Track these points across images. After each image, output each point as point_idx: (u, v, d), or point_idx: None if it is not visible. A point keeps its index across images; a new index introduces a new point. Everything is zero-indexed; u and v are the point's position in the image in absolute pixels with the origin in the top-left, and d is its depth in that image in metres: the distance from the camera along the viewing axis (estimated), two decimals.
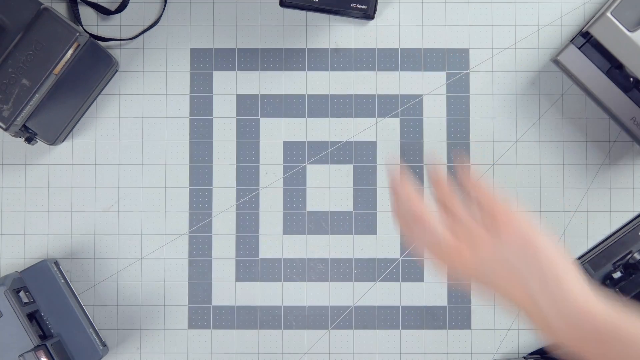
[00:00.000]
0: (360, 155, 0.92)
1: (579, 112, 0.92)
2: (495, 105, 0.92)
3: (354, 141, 0.92)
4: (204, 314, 0.92)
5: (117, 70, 0.92)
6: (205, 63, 0.93)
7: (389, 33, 0.93)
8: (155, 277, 0.92)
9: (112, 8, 0.92)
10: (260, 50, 0.93)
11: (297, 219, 0.92)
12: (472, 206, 0.70)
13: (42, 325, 0.86)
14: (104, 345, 0.89)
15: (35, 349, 0.82)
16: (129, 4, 0.92)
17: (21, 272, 0.87)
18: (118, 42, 0.93)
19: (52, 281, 0.87)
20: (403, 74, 0.92)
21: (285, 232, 0.92)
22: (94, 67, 0.89)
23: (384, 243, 0.92)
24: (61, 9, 0.92)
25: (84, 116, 0.92)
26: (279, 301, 0.92)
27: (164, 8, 0.92)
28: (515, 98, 0.92)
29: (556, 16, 0.92)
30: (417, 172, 0.92)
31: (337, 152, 0.92)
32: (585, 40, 0.87)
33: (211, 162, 0.92)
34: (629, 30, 0.84)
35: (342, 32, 0.93)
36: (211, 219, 0.92)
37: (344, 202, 0.92)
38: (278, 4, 0.93)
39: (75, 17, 0.92)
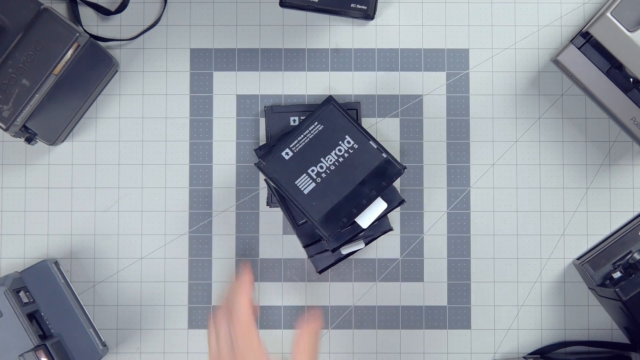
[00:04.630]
0: None
1: (579, 112, 0.92)
2: (495, 105, 0.92)
3: None
4: (204, 314, 0.92)
5: (117, 71, 0.92)
6: (205, 63, 0.93)
7: (389, 33, 0.93)
8: (155, 277, 0.92)
9: (112, 8, 0.92)
10: (260, 51, 0.93)
11: None
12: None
13: (42, 325, 0.86)
14: (104, 345, 0.89)
15: (35, 349, 0.82)
16: (129, 4, 0.92)
17: (21, 272, 0.87)
18: (118, 42, 0.93)
19: (52, 281, 0.87)
20: (403, 74, 0.92)
21: (285, 232, 0.92)
22: (94, 67, 0.89)
23: (384, 243, 0.92)
24: (61, 9, 0.92)
25: (84, 116, 0.92)
26: (279, 301, 0.92)
27: (164, 8, 0.92)
28: (515, 98, 0.92)
29: (556, 16, 0.92)
30: (417, 172, 0.92)
31: None
32: (585, 40, 0.87)
33: (211, 162, 0.92)
34: (629, 30, 0.84)
35: (342, 32, 0.93)
36: (211, 219, 0.92)
37: None
38: (278, 4, 0.93)
39: (75, 18, 0.92)
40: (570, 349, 0.91)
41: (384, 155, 0.83)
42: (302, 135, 0.83)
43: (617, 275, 0.86)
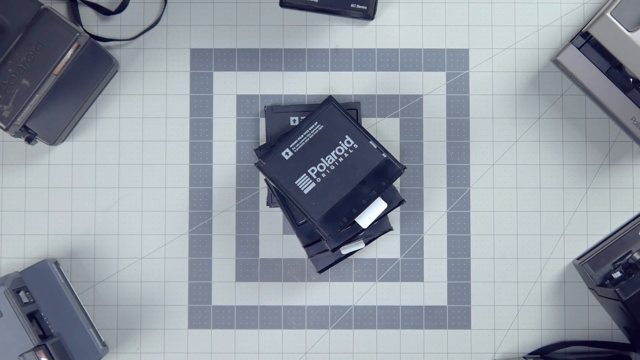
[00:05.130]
0: None
1: (579, 112, 0.92)
2: (495, 105, 0.92)
3: None
4: (204, 314, 0.92)
5: (117, 71, 0.92)
6: (205, 63, 0.93)
7: (389, 33, 0.93)
8: (155, 277, 0.92)
9: (112, 8, 0.92)
10: (260, 51, 0.93)
11: None
12: None
13: (42, 325, 0.86)
14: (104, 345, 0.89)
15: (35, 348, 0.82)
16: (129, 4, 0.92)
17: (21, 272, 0.87)
18: (118, 42, 0.93)
19: (52, 281, 0.87)
20: (403, 74, 0.92)
21: (285, 232, 0.92)
22: (94, 67, 0.89)
23: (384, 243, 0.92)
24: (61, 9, 0.92)
25: (84, 116, 0.92)
26: (279, 301, 0.92)
27: (164, 8, 0.92)
28: (515, 98, 0.92)
29: (556, 16, 0.93)
30: (417, 172, 0.92)
31: None
32: (585, 40, 0.87)
33: (211, 162, 0.92)
34: (628, 30, 0.84)
35: (342, 32, 0.93)
36: (211, 219, 0.92)
37: None
38: (278, 4, 0.93)
39: (75, 18, 0.92)
40: (570, 349, 0.91)
41: (384, 155, 0.83)
42: (302, 135, 0.84)
43: (617, 275, 0.86)
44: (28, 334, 0.83)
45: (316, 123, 0.84)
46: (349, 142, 0.83)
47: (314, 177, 0.83)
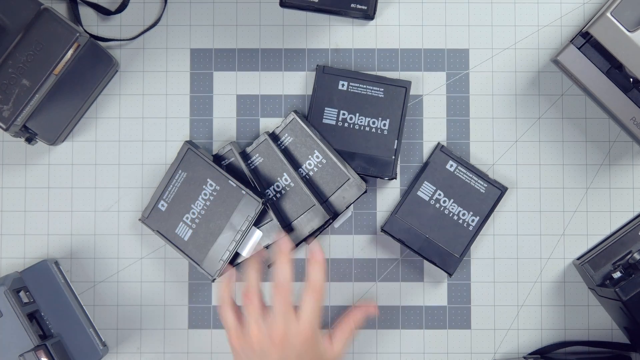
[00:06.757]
0: None
1: (579, 112, 0.92)
2: (495, 105, 0.92)
3: None
4: (204, 314, 0.92)
5: (117, 71, 0.92)
6: (205, 63, 0.93)
7: (389, 33, 0.93)
8: (155, 277, 0.92)
9: (112, 8, 0.92)
10: (260, 51, 0.93)
11: None
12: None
13: (42, 325, 0.86)
14: (104, 345, 0.89)
15: (35, 348, 0.82)
16: (129, 4, 0.92)
17: (21, 272, 0.87)
18: (118, 42, 0.93)
19: (52, 281, 0.87)
20: (403, 74, 0.92)
21: None
22: (94, 67, 0.89)
23: (384, 243, 0.92)
24: (61, 9, 0.92)
25: (84, 116, 0.92)
26: None
27: (164, 8, 0.92)
28: (515, 98, 0.92)
29: (556, 16, 0.93)
30: (417, 172, 0.92)
31: None
32: (585, 40, 0.87)
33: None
34: (628, 30, 0.84)
35: (342, 32, 0.93)
36: None
37: None
38: (278, 4, 0.93)
39: (75, 18, 0.92)
40: (570, 349, 0.91)
41: (244, 192, 0.86)
42: (171, 185, 0.88)
43: (617, 275, 0.86)
44: (28, 334, 0.83)
45: (180, 171, 0.88)
46: (211, 185, 0.86)
47: (189, 224, 0.87)
